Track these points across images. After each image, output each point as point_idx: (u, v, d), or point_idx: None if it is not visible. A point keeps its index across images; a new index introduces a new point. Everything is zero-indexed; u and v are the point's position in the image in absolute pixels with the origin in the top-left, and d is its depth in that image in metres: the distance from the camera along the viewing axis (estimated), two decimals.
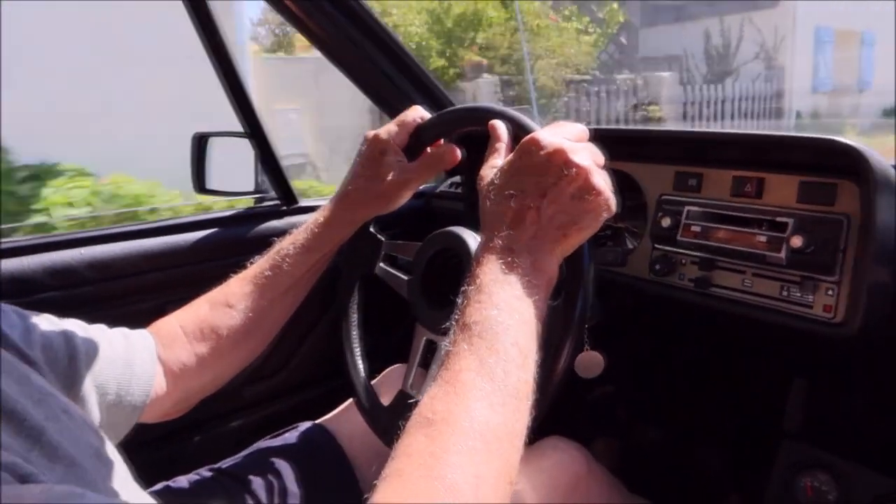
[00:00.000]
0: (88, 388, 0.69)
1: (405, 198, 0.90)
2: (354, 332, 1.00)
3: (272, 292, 0.87)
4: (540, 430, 1.01)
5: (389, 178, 0.86)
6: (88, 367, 0.69)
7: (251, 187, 1.36)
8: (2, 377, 0.48)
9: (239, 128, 1.31)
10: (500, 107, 0.78)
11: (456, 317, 0.57)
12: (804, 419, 1.00)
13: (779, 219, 0.86)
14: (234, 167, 1.45)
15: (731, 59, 12.47)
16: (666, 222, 0.96)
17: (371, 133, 0.89)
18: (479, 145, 0.74)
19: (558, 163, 0.61)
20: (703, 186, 0.95)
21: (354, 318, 1.00)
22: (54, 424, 0.49)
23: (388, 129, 0.88)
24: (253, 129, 1.26)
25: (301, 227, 0.90)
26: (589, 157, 0.63)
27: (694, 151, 0.98)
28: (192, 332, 0.84)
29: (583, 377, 0.92)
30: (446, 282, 0.84)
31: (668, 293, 0.96)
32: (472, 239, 0.86)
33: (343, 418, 1.09)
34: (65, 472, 0.46)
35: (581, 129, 0.68)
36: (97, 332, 0.74)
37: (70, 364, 0.67)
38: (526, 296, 0.58)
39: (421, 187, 1.57)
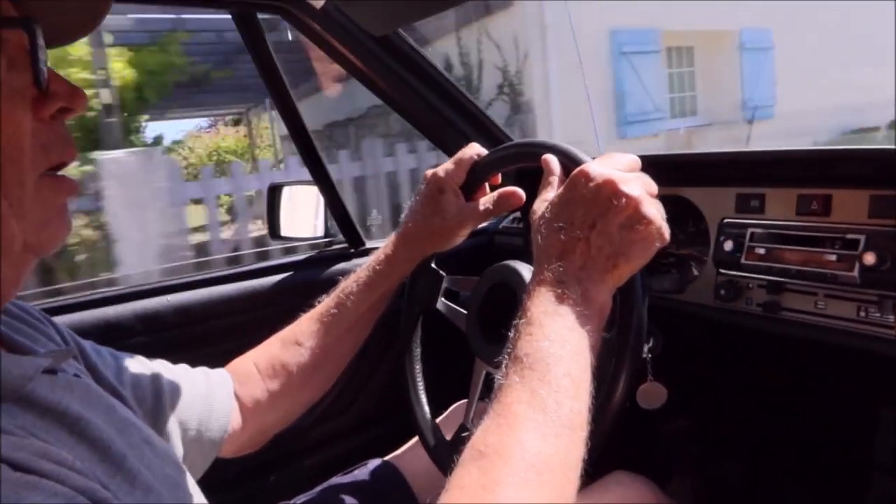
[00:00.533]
0: (172, 424, 0.74)
1: (463, 236, 0.92)
2: (417, 368, 1.02)
3: (338, 329, 0.91)
4: (610, 465, 1.00)
5: (448, 216, 0.88)
6: (172, 405, 0.75)
7: (321, 233, 1.43)
8: (89, 407, 0.53)
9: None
10: (551, 141, 0.79)
11: (508, 350, 0.57)
12: (894, 453, 0.93)
13: (849, 236, 0.82)
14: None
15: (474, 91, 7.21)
16: (728, 246, 0.93)
17: (430, 171, 0.92)
18: (537, 181, 0.75)
19: (607, 193, 0.61)
20: (766, 207, 0.92)
21: (417, 353, 1.02)
22: (136, 452, 0.53)
23: (446, 167, 0.90)
24: (319, 177, 1.33)
25: (363, 266, 0.93)
26: (640, 187, 0.62)
27: (755, 172, 0.96)
28: (264, 370, 0.89)
29: (646, 408, 0.90)
30: (503, 315, 0.85)
31: (734, 319, 0.93)
32: (527, 272, 0.86)
33: (410, 455, 1.11)
34: (143, 497, 0.49)
35: (632, 159, 0.68)
36: (181, 372, 0.81)
37: (156, 402, 0.73)
38: (577, 326, 0.57)
39: (483, 225, 1.60)
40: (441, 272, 1.00)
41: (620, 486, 0.91)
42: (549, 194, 0.68)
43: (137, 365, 0.75)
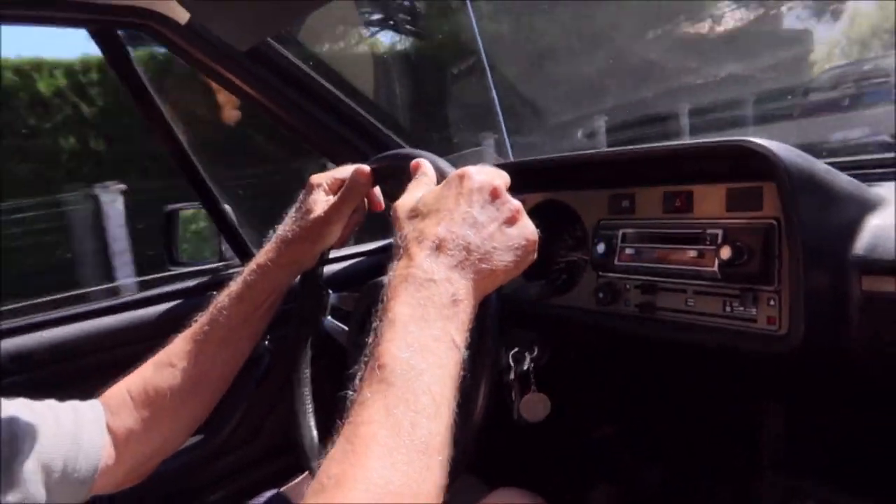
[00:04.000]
0: (31, 468, 0.68)
1: (331, 234, 0.87)
2: (305, 392, 0.97)
3: (211, 347, 0.85)
4: (510, 480, 0.97)
5: (315, 213, 0.85)
6: (30, 449, 0.69)
7: (215, 256, 1.37)
8: None
9: None
10: (424, 151, 0.77)
11: (365, 357, 0.52)
12: (781, 447, 0.92)
13: (709, 231, 0.81)
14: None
15: None
16: (601, 248, 0.92)
17: (311, 177, 0.89)
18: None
19: (490, 195, 0.59)
20: (636, 207, 0.92)
21: (306, 374, 0.97)
22: None
23: (326, 173, 0.88)
24: (207, 201, 1.28)
25: (236, 279, 0.88)
26: (517, 200, 0.61)
27: (625, 172, 0.95)
28: (137, 396, 0.82)
29: (530, 421, 0.87)
30: None
31: (614, 323, 0.91)
32: None
33: (305, 484, 1.06)
34: None
35: (505, 175, 0.65)
36: (44, 410, 0.74)
37: (9, 448, 0.67)
38: (442, 334, 0.52)
39: (378, 244, 1.56)
40: (328, 290, 0.96)
41: (502, 502, 0.88)
42: (419, 191, 0.65)
43: None
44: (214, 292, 0.91)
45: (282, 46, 1.11)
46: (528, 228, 0.60)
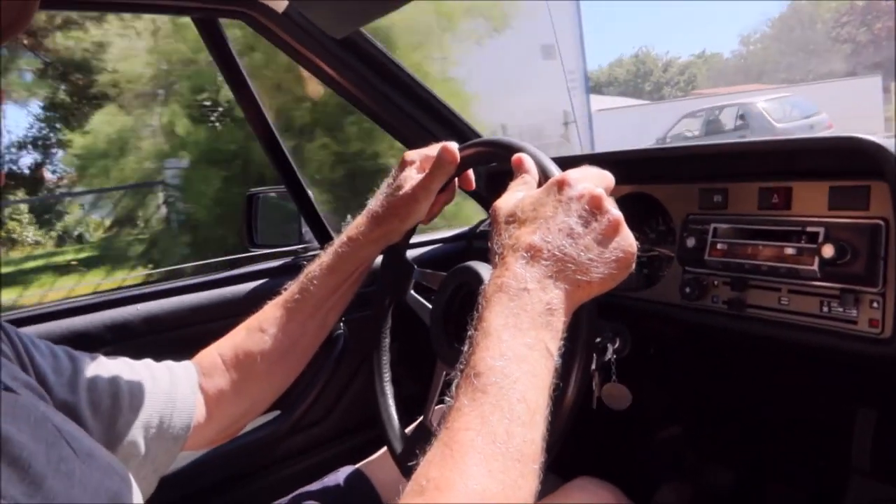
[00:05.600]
0: (131, 423, 0.73)
1: (419, 211, 0.89)
2: (385, 360, 0.98)
3: (301, 315, 0.89)
4: (584, 471, 0.97)
5: (406, 188, 0.86)
6: (131, 405, 0.74)
7: (296, 240, 1.42)
8: (13, 421, 0.50)
9: None
10: (529, 145, 0.74)
11: (461, 365, 0.53)
12: (872, 453, 0.89)
13: (809, 229, 0.79)
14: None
15: None
16: (691, 242, 0.91)
17: (405, 153, 0.91)
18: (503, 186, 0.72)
19: (590, 206, 0.57)
20: (729, 202, 0.90)
21: (386, 343, 0.98)
22: (66, 467, 0.51)
23: (420, 151, 0.90)
24: (292, 185, 1.32)
25: (327, 250, 0.91)
26: (618, 210, 0.59)
27: (718, 166, 0.93)
28: (229, 360, 0.87)
29: (614, 409, 0.87)
30: (464, 318, 0.83)
31: (700, 318, 0.90)
32: (488, 274, 0.84)
33: (381, 462, 1.09)
34: None
35: (610, 178, 0.64)
36: (142, 369, 0.79)
37: (113, 403, 0.72)
38: (537, 342, 0.52)
39: (461, 230, 1.59)
40: (412, 264, 0.97)
41: (583, 492, 0.88)
42: (520, 193, 0.64)
43: (95, 366, 0.73)
44: (304, 265, 0.94)
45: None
46: (626, 241, 0.58)
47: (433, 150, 0.89)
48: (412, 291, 0.96)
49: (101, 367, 0.74)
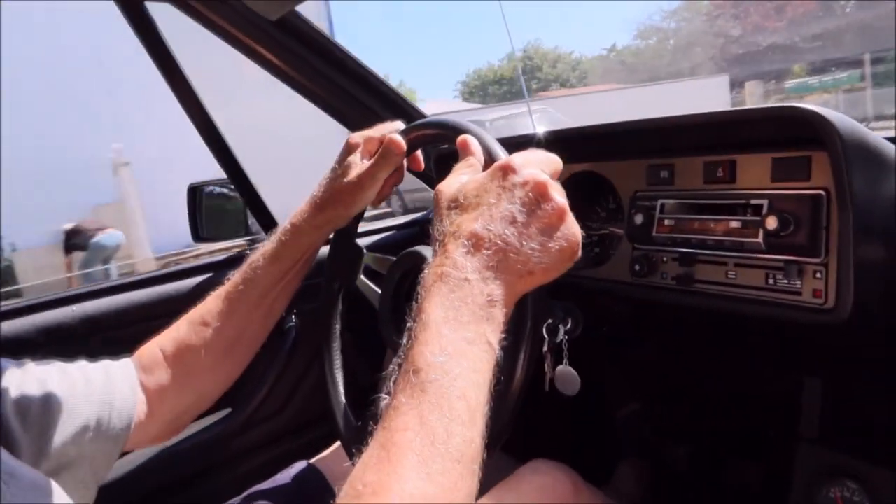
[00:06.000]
0: (66, 429, 0.69)
1: (365, 199, 0.86)
2: (335, 346, 0.95)
3: (246, 306, 0.86)
4: (540, 454, 0.96)
5: (351, 175, 0.84)
6: (64, 409, 0.70)
7: (242, 232, 1.37)
8: None
9: None
10: (475, 126, 0.71)
11: (399, 359, 0.51)
12: (820, 422, 0.90)
13: (754, 201, 0.79)
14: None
15: None
16: (639, 219, 0.90)
17: (349, 135, 0.88)
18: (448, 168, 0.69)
19: (535, 193, 0.55)
20: (675, 177, 0.89)
21: (336, 330, 0.95)
22: None
23: (364, 133, 0.87)
24: (235, 175, 1.27)
25: (270, 238, 0.88)
26: (564, 197, 0.57)
27: (664, 141, 0.93)
28: (171, 354, 0.83)
29: (564, 394, 0.86)
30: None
31: (650, 295, 0.90)
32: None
33: (335, 456, 1.07)
34: None
35: (557, 161, 0.62)
36: (74, 371, 0.75)
37: (44, 411, 0.68)
38: (478, 337, 0.51)
39: (415, 216, 1.56)
40: (361, 248, 0.94)
41: (537, 475, 0.88)
42: (464, 177, 0.61)
43: (21, 374, 0.69)
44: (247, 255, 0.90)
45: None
46: (570, 230, 0.56)
47: (377, 131, 0.86)
48: (362, 276, 0.94)
49: (28, 374, 0.70)
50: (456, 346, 0.49)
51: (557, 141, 1.00)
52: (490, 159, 0.65)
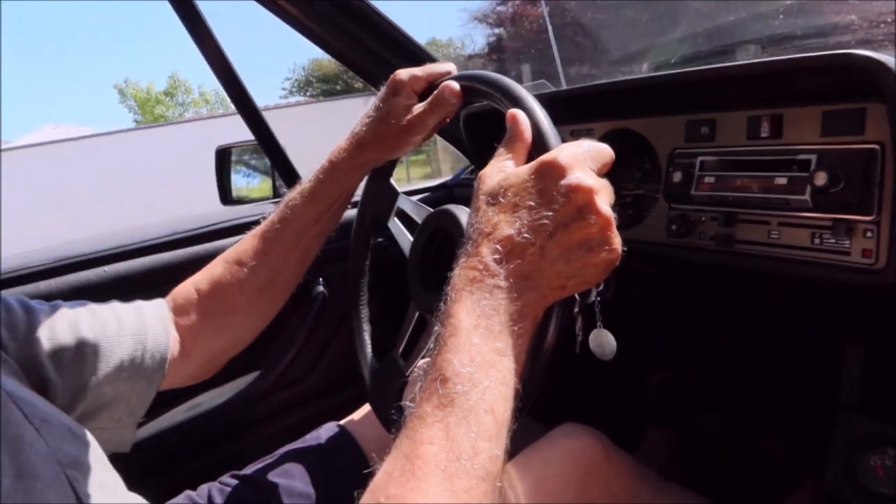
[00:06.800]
0: (100, 369, 0.70)
1: (411, 144, 0.83)
2: (363, 302, 0.94)
3: (282, 245, 0.84)
4: (569, 418, 0.95)
5: (394, 120, 0.80)
6: (97, 350, 0.70)
7: (270, 193, 1.37)
8: None
9: None
10: (534, 100, 0.65)
11: (426, 367, 0.49)
12: (861, 389, 0.87)
13: (801, 157, 0.75)
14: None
15: None
16: (677, 177, 0.87)
17: (395, 73, 0.82)
18: (493, 131, 0.64)
19: (578, 203, 0.51)
20: (717, 133, 0.85)
21: (366, 270, 0.94)
22: (14, 431, 0.49)
23: (411, 70, 0.81)
24: (263, 138, 1.26)
25: (308, 177, 0.86)
26: (609, 201, 0.53)
27: (705, 95, 0.88)
28: (206, 294, 0.83)
29: (599, 358, 0.84)
30: (442, 263, 0.79)
31: (687, 256, 0.87)
32: (466, 217, 0.80)
33: (364, 419, 1.07)
34: (12, 484, 0.45)
35: (609, 154, 0.57)
36: (106, 312, 0.75)
37: (77, 351, 0.68)
38: (508, 348, 0.49)
39: (444, 179, 1.54)
40: (396, 188, 0.92)
41: (568, 438, 0.86)
42: (508, 163, 0.57)
43: (54, 316, 0.69)
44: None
45: None
46: (612, 244, 0.52)
47: (424, 70, 0.81)
48: (395, 218, 0.92)
49: (61, 315, 0.70)
50: (485, 357, 0.47)
51: (587, 97, 0.97)
52: (540, 144, 0.60)
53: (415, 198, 1.48)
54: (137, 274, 1.17)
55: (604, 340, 0.84)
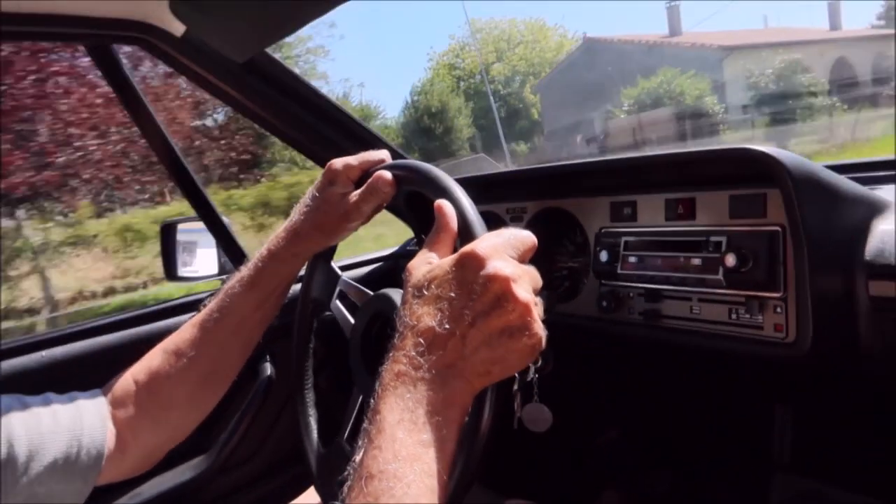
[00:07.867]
0: (31, 468, 0.67)
1: (348, 230, 0.84)
2: (308, 375, 0.93)
3: (222, 334, 0.83)
4: (527, 487, 0.96)
5: (331, 208, 0.81)
6: (29, 447, 0.68)
7: (215, 270, 1.36)
8: None
9: None
10: (460, 190, 0.67)
11: (354, 463, 0.50)
12: (793, 448, 0.91)
13: (713, 238, 0.81)
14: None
15: None
16: (604, 256, 0.91)
17: (330, 162, 0.84)
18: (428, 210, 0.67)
19: (497, 292, 0.53)
20: (638, 214, 0.91)
21: (311, 349, 0.94)
22: None
23: (346, 160, 0.83)
24: (204, 212, 1.27)
25: (247, 265, 0.85)
26: (530, 288, 0.55)
27: (626, 179, 0.94)
28: (144, 386, 0.80)
29: (532, 431, 0.86)
30: (383, 346, 0.80)
31: (619, 330, 0.91)
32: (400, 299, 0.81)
33: (312, 498, 1.05)
34: None
35: (530, 242, 0.59)
36: (40, 406, 0.72)
37: (8, 450, 0.66)
38: (433, 440, 0.50)
39: (390, 250, 1.56)
40: (337, 272, 0.93)
41: None
42: (433, 256, 0.60)
43: None
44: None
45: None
46: (532, 329, 0.53)
47: (358, 159, 0.83)
48: (337, 301, 0.93)
49: None
50: (410, 451, 0.48)
51: (522, 180, 1.02)
52: (465, 234, 0.63)
53: (362, 269, 1.51)
54: (76, 358, 1.14)
55: (538, 415, 0.86)
